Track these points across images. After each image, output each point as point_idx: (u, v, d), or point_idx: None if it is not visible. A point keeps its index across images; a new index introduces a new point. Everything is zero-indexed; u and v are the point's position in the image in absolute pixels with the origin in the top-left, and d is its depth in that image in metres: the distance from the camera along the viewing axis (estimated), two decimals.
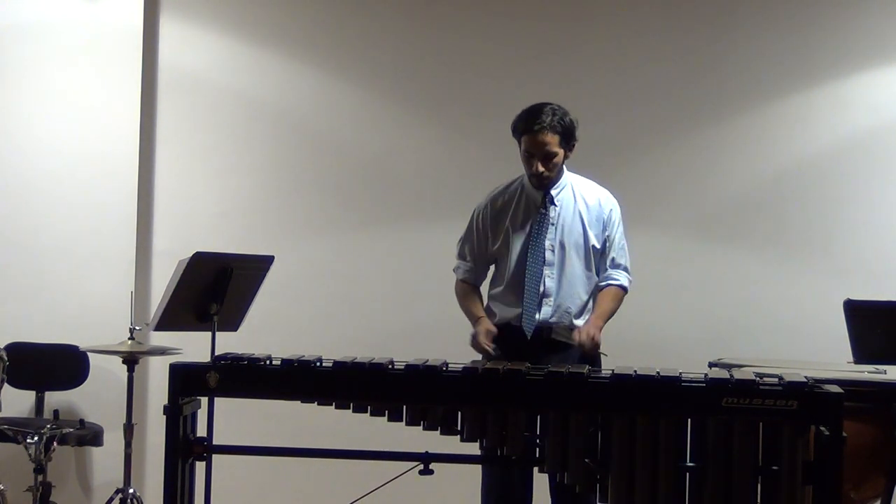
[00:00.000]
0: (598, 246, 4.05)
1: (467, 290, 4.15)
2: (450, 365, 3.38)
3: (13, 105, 5.33)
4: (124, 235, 5.32)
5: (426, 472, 3.46)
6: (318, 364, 3.40)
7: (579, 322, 4.00)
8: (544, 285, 3.97)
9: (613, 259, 4.07)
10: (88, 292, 5.26)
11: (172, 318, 4.08)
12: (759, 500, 3.16)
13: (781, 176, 5.32)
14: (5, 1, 5.34)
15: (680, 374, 3.27)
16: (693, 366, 3.42)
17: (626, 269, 4.08)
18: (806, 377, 3.21)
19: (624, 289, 4.06)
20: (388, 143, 5.46)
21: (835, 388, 3.16)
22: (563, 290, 3.99)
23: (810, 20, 5.29)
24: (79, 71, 5.34)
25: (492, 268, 4.19)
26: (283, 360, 3.42)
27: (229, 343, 3.81)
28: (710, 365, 3.80)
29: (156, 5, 5.42)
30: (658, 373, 3.31)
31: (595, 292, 4.07)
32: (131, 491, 4.66)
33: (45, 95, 5.33)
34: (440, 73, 5.44)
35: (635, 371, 3.33)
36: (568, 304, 4.00)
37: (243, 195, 5.48)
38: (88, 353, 5.07)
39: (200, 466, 3.65)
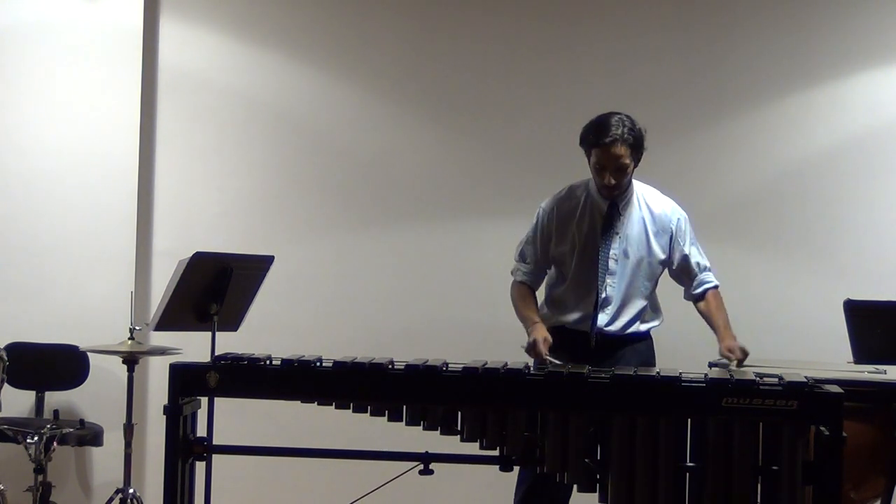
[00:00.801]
0: (662, 257, 4.01)
1: (525, 293, 4.08)
2: (450, 365, 3.38)
3: (13, 105, 5.33)
4: (124, 235, 5.31)
5: (426, 472, 3.46)
6: (318, 364, 3.41)
7: (633, 330, 3.98)
8: (605, 292, 3.94)
9: (698, 263, 4.05)
10: (88, 292, 5.25)
11: (172, 318, 4.08)
12: (759, 500, 3.16)
13: (781, 176, 5.32)
14: (5, 1, 5.34)
15: (680, 374, 3.28)
16: (693, 366, 3.43)
17: (708, 269, 4.08)
18: (806, 377, 3.21)
19: (717, 286, 4.07)
20: (388, 143, 5.45)
21: (835, 388, 3.16)
22: (622, 299, 3.96)
23: (810, 20, 5.29)
24: (79, 71, 5.33)
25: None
26: (283, 360, 3.42)
27: (229, 343, 3.81)
28: (710, 365, 3.80)
29: (156, 5, 5.42)
30: (658, 373, 3.32)
31: (693, 300, 4.06)
32: (131, 491, 4.67)
33: (45, 95, 5.32)
34: (440, 73, 5.43)
35: (635, 371, 3.34)
36: (625, 313, 3.97)
37: (243, 195, 5.48)
38: (88, 353, 5.06)
39: (200, 466, 3.66)
